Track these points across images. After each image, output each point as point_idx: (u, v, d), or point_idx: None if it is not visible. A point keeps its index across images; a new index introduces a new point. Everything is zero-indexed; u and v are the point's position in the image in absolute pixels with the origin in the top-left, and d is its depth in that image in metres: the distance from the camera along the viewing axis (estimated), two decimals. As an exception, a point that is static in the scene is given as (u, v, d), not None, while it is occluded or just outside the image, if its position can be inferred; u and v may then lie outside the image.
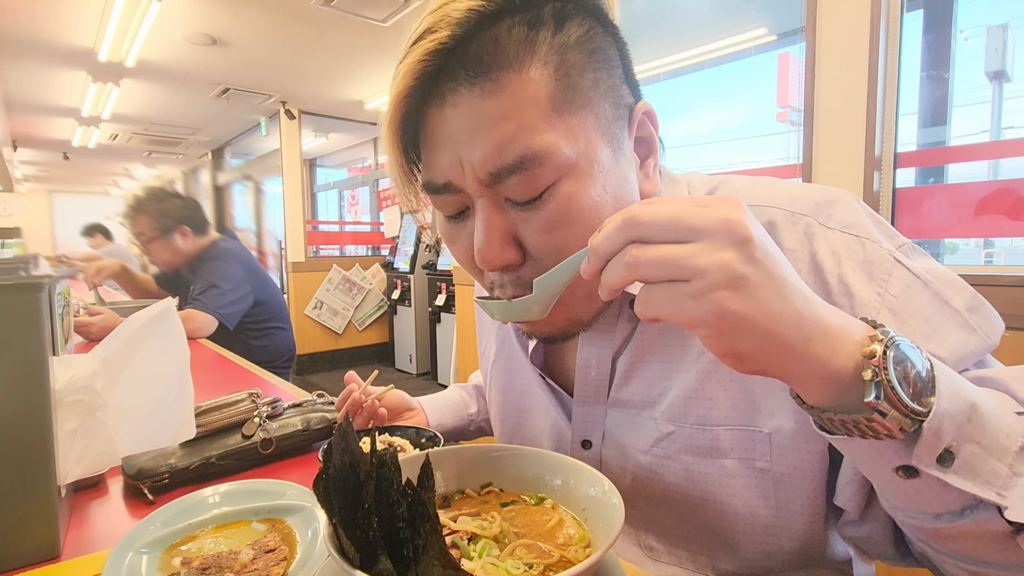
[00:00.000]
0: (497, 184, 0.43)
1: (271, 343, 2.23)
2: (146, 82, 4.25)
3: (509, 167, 0.42)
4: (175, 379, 0.76)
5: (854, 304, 0.44)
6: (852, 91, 1.56)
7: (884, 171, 1.58)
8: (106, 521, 0.65)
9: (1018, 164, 1.48)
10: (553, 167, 0.42)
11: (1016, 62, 2.53)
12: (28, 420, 0.53)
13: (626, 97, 0.47)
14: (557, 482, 0.47)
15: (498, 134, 0.41)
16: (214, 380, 1.36)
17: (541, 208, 0.43)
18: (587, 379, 0.57)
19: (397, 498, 0.33)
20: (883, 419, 0.31)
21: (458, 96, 0.42)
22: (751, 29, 2.99)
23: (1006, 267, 1.56)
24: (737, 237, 0.30)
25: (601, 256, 0.34)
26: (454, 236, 0.50)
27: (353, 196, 7.10)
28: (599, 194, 0.44)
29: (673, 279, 0.31)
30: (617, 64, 0.46)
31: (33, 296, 0.53)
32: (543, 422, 0.64)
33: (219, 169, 7.25)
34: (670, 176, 0.57)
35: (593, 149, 0.44)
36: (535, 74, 0.41)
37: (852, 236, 0.46)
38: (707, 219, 0.31)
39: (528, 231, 0.44)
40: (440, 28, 0.41)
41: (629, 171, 0.47)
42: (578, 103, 0.43)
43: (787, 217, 0.48)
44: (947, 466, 0.32)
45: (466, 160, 0.43)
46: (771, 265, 0.31)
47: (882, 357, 0.31)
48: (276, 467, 0.79)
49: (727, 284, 0.30)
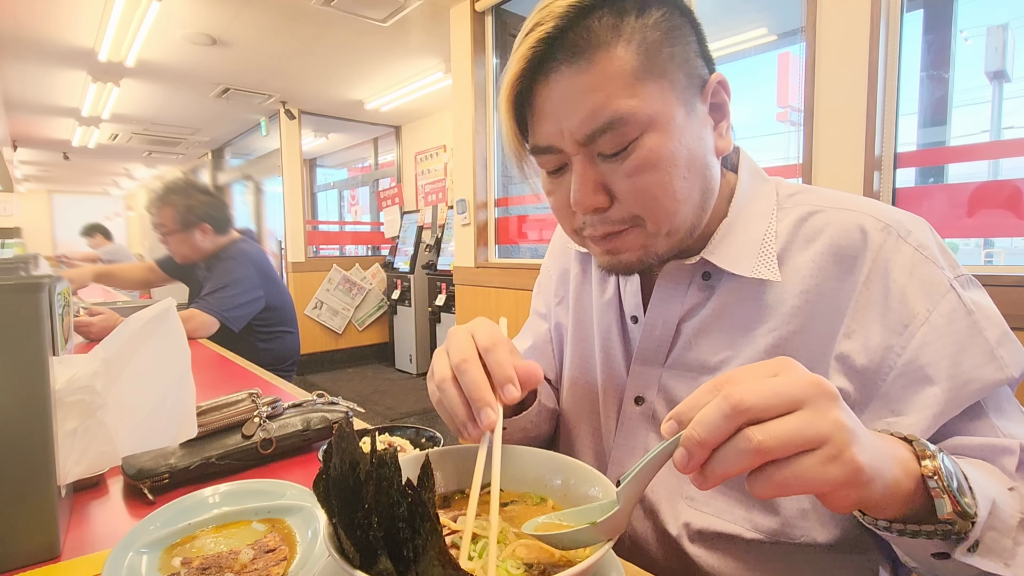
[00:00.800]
0: (591, 143, 0.52)
1: (278, 346, 2.23)
2: (146, 82, 4.25)
3: (600, 128, 0.50)
4: (175, 379, 0.76)
5: (904, 313, 0.51)
6: (852, 91, 1.56)
7: (884, 171, 1.58)
8: (106, 521, 0.65)
9: (1018, 164, 1.48)
10: (636, 125, 0.50)
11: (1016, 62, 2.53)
12: (28, 420, 0.53)
13: (700, 69, 0.55)
14: (557, 482, 0.47)
15: (591, 103, 0.50)
16: (214, 380, 1.36)
17: (627, 159, 0.52)
18: (651, 338, 0.63)
19: (397, 498, 0.33)
20: (952, 528, 0.37)
21: (559, 75, 0.51)
22: (751, 29, 2.99)
23: (1006, 267, 1.56)
24: (832, 395, 0.33)
25: (708, 447, 0.33)
26: (553, 188, 0.58)
27: (353, 196, 7.10)
28: (674, 146, 0.52)
29: (802, 451, 0.32)
30: (691, 41, 0.54)
31: (33, 296, 0.53)
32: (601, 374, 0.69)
33: (219, 169, 7.25)
34: (760, 175, 0.64)
35: (669, 110, 0.52)
36: (621, 52, 0.50)
37: (921, 256, 0.52)
38: (803, 385, 0.33)
39: (616, 179, 0.53)
40: (545, 21, 0.50)
41: (702, 130, 0.55)
42: (656, 73, 0.51)
43: (872, 223, 0.55)
44: (974, 552, 0.38)
45: (565, 126, 0.52)
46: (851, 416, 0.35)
47: (942, 472, 0.37)
48: (276, 467, 0.79)
49: (851, 441, 0.33)
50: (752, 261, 0.57)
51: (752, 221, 0.59)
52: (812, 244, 0.56)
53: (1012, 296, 1.30)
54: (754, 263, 0.56)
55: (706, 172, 0.55)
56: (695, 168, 0.54)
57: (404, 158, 5.64)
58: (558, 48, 0.50)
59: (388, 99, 4.63)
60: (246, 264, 2.12)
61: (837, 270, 0.54)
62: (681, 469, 0.34)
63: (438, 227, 4.80)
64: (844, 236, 0.54)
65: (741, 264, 0.57)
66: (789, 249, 0.57)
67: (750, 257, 0.57)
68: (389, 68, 4.00)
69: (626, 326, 0.67)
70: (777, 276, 0.55)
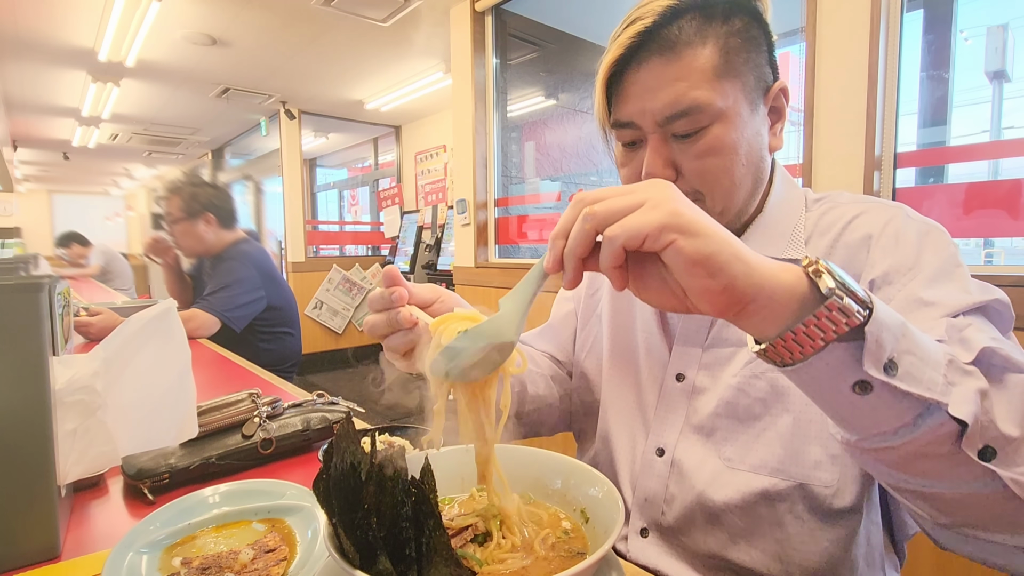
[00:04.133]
0: (668, 125, 0.60)
1: (279, 347, 2.23)
2: (146, 82, 4.24)
3: (679, 113, 0.59)
4: (175, 379, 0.76)
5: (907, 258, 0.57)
6: (852, 91, 1.56)
7: (884, 171, 1.58)
8: (106, 521, 0.65)
9: (1018, 164, 1.48)
10: (709, 114, 0.59)
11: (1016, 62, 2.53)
12: (28, 420, 0.53)
13: (767, 74, 0.63)
14: (557, 482, 0.47)
15: (675, 90, 0.58)
16: (214, 380, 1.36)
17: (697, 141, 0.60)
18: (691, 320, 0.69)
19: (402, 497, 0.33)
20: (840, 303, 0.36)
21: (650, 63, 0.59)
22: (751, 29, 2.99)
23: (1006, 267, 1.56)
24: (666, 185, 0.40)
25: (560, 234, 0.40)
26: (625, 160, 0.66)
27: (353, 196, 7.09)
28: (737, 137, 0.60)
29: (629, 212, 0.38)
30: (763, 50, 0.62)
31: (33, 296, 0.53)
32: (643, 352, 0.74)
33: (219, 169, 7.24)
34: (791, 182, 0.71)
35: (738, 106, 0.60)
36: (705, 51, 0.58)
37: (927, 225, 0.60)
38: (641, 184, 0.40)
39: (684, 158, 0.61)
40: (646, 16, 0.59)
41: (761, 127, 0.64)
42: (732, 73, 0.59)
43: (879, 204, 0.64)
44: (893, 374, 0.37)
45: (648, 107, 0.60)
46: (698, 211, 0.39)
47: (827, 265, 0.37)
48: (276, 467, 0.79)
49: (675, 199, 0.38)
50: (783, 245, 0.65)
51: (784, 217, 0.67)
52: (828, 232, 0.64)
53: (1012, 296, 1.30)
54: (784, 247, 0.65)
55: (760, 164, 0.64)
56: (752, 159, 0.62)
57: (404, 158, 5.64)
58: (652, 40, 0.59)
59: (388, 99, 4.63)
60: (248, 265, 2.12)
61: (850, 248, 0.62)
62: (546, 268, 0.41)
63: (438, 227, 4.79)
64: (853, 221, 0.63)
65: (772, 248, 0.65)
66: (810, 240, 0.66)
67: (781, 243, 0.66)
68: (389, 68, 4.00)
69: (664, 313, 0.73)
70: (804, 253, 0.63)
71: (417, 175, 5.31)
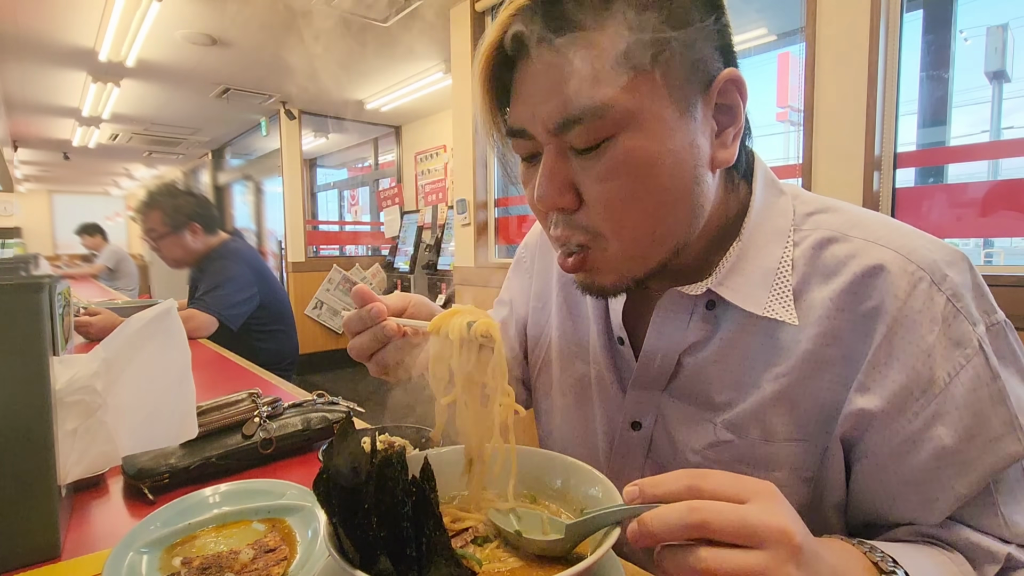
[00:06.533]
0: (562, 134, 0.46)
1: (275, 345, 2.24)
2: (146, 82, 4.24)
3: (573, 119, 0.44)
4: (175, 379, 0.76)
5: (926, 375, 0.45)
6: (852, 91, 1.56)
7: (884, 171, 1.58)
8: (106, 521, 0.65)
9: (1018, 164, 1.48)
10: (613, 121, 0.44)
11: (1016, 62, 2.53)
12: (28, 420, 0.53)
13: (708, 62, 0.46)
14: (557, 482, 0.47)
15: (564, 88, 0.44)
16: (214, 380, 1.36)
17: (599, 157, 0.45)
18: (649, 369, 0.57)
19: (403, 497, 0.33)
20: None
21: (538, 51, 0.45)
22: (751, 29, 2.99)
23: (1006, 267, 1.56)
24: (795, 548, 0.33)
25: (659, 542, 0.34)
26: (527, 179, 0.53)
27: (353, 196, 7.09)
28: (658, 151, 0.45)
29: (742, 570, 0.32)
30: (703, 26, 0.45)
31: (33, 296, 0.53)
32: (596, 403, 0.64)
33: (219, 169, 7.24)
34: (776, 186, 0.56)
35: (657, 107, 0.44)
36: (606, 34, 0.43)
37: (954, 309, 0.46)
38: (771, 528, 0.33)
39: (586, 179, 0.47)
40: None
41: (698, 136, 0.47)
42: (647, 60, 0.43)
43: (903, 264, 0.47)
44: None
45: (537, 111, 0.46)
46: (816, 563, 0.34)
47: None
48: (276, 467, 0.79)
49: None
50: (765, 295, 0.50)
51: (766, 244, 0.52)
52: (832, 280, 0.49)
53: (1012, 296, 1.30)
54: (767, 298, 0.50)
55: (694, 188, 0.47)
56: (681, 181, 0.46)
57: (404, 158, 5.64)
58: (539, 20, 0.43)
59: (388, 99, 4.63)
60: (239, 262, 2.12)
61: (858, 315, 0.48)
62: (630, 541, 0.35)
63: (438, 227, 4.79)
64: (868, 276, 0.48)
65: (753, 299, 0.50)
66: (807, 283, 0.51)
67: (763, 290, 0.51)
68: (389, 68, 4.00)
69: (615, 346, 0.62)
70: (794, 318, 0.49)
71: (417, 175, 5.31)
